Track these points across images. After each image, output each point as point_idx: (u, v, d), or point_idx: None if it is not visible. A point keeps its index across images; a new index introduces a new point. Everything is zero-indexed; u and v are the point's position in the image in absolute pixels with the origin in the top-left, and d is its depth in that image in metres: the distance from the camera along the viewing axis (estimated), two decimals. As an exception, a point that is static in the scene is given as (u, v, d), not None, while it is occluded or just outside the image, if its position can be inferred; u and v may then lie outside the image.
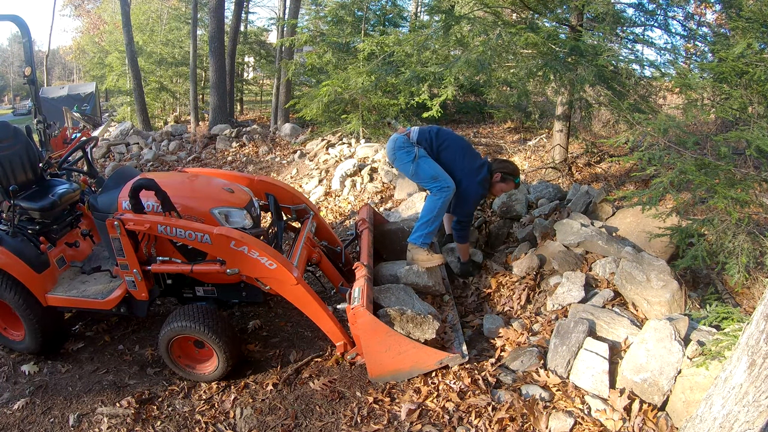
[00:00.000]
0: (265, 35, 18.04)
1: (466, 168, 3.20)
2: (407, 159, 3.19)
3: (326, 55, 8.19)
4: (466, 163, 3.21)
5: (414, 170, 3.19)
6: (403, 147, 3.23)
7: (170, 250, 2.65)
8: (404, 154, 3.21)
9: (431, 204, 3.17)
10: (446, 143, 3.26)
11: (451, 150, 3.24)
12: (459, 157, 3.23)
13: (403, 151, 3.22)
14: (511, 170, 3.29)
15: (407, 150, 3.21)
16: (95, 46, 21.31)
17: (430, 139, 3.26)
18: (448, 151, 3.24)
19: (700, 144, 2.88)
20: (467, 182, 3.18)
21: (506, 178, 3.28)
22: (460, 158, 3.23)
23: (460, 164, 3.21)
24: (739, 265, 2.51)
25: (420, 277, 3.08)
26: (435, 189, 3.15)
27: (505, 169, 3.29)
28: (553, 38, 4.27)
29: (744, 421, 1.57)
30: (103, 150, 9.40)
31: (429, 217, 3.16)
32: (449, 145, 3.26)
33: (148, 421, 2.45)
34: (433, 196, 3.18)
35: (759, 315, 1.55)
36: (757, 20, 2.72)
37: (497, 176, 3.26)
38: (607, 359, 2.27)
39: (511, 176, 3.28)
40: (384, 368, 2.49)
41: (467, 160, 3.22)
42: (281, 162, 7.93)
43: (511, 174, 3.28)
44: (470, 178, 3.18)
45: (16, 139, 3.16)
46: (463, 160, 3.22)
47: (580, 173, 5.88)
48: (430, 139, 3.26)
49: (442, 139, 3.28)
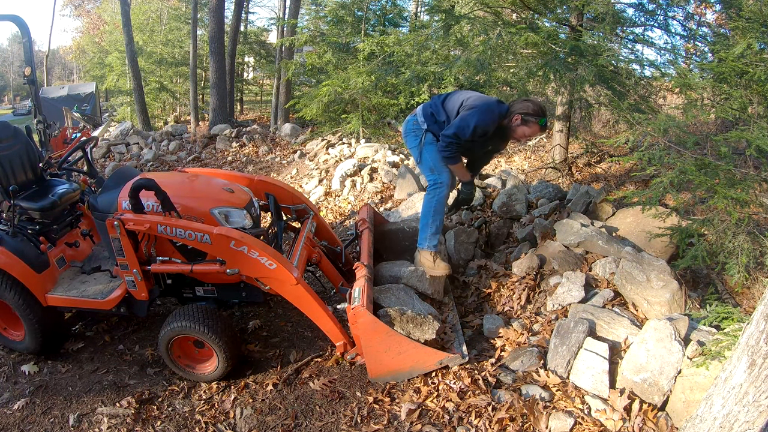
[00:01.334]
0: (265, 35, 18.05)
1: (474, 96, 2.93)
2: (415, 143, 3.08)
3: (326, 55, 8.20)
4: (475, 95, 2.96)
5: (418, 156, 3.09)
6: (413, 131, 3.12)
7: (170, 250, 2.65)
8: (413, 138, 3.10)
9: (426, 204, 3.08)
10: (454, 92, 3.08)
11: (458, 93, 3.03)
12: (468, 95, 2.97)
13: (412, 135, 3.11)
14: (533, 110, 2.79)
15: (416, 134, 3.09)
16: (95, 46, 21.32)
17: (434, 101, 3.07)
18: (454, 95, 3.01)
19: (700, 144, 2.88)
20: (471, 104, 2.86)
21: (527, 119, 2.80)
22: (469, 94, 2.97)
23: (470, 96, 2.94)
24: (739, 265, 2.51)
25: (421, 281, 3.06)
26: (430, 183, 3.05)
27: (526, 110, 2.80)
28: (553, 38, 4.27)
29: (744, 421, 1.57)
30: (103, 150, 9.40)
31: (426, 220, 3.07)
32: (456, 92, 3.07)
33: (148, 421, 2.45)
34: (427, 194, 3.07)
35: (759, 315, 1.55)
36: (757, 20, 2.72)
37: (516, 119, 2.81)
38: (607, 359, 2.27)
39: (533, 117, 2.79)
40: (384, 368, 2.49)
41: (479, 95, 2.98)
42: (281, 162, 7.93)
43: (533, 114, 2.79)
44: (475, 102, 2.86)
45: (16, 139, 3.16)
46: (474, 94, 2.97)
47: (580, 173, 5.88)
48: (434, 101, 3.07)
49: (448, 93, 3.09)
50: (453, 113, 2.96)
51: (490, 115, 2.83)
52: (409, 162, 6.00)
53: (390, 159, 6.17)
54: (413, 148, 3.12)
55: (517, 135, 2.91)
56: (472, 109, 2.85)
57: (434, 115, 3.05)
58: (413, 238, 3.56)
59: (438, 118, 3.03)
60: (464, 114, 2.86)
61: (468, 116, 2.83)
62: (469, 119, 2.81)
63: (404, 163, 5.99)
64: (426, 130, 3.06)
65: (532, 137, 3.08)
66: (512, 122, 2.84)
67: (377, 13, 8.70)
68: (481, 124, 2.81)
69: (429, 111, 3.08)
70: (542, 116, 2.81)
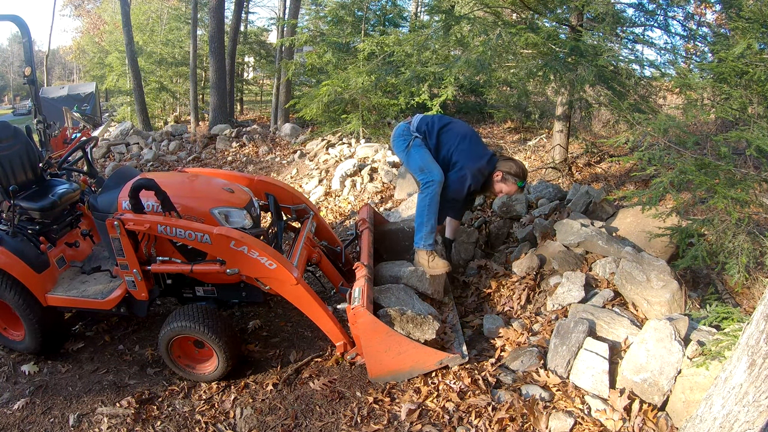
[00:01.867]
0: (265, 35, 18.05)
1: (467, 151, 3.03)
2: (402, 147, 3.16)
3: (326, 55, 8.20)
4: (467, 146, 3.05)
5: (405, 159, 3.16)
6: (401, 135, 3.19)
7: (170, 250, 2.65)
8: (401, 142, 3.17)
9: (419, 203, 3.09)
10: (451, 125, 3.14)
11: (454, 132, 3.10)
12: (462, 140, 3.07)
13: (401, 139, 3.18)
14: (515, 171, 3.04)
15: (404, 138, 3.16)
16: (95, 46, 21.31)
17: (432, 122, 3.15)
18: (451, 133, 3.10)
19: (700, 144, 2.88)
20: (461, 165, 3.01)
21: (507, 178, 3.05)
22: (462, 141, 3.07)
23: (461, 146, 3.05)
24: (739, 265, 2.51)
25: (421, 281, 3.06)
26: (422, 183, 3.06)
27: (508, 169, 3.04)
28: (553, 38, 4.28)
29: (744, 421, 1.57)
30: (103, 150, 9.41)
31: (421, 219, 3.07)
32: (453, 127, 3.13)
33: (148, 421, 2.45)
34: (420, 194, 3.08)
35: (759, 315, 1.55)
36: (757, 20, 2.72)
37: (498, 175, 3.06)
38: (607, 359, 2.27)
39: (514, 177, 3.05)
40: (384, 368, 2.49)
41: (471, 145, 3.06)
42: (281, 162, 7.93)
43: (514, 175, 3.04)
44: (467, 161, 3.01)
45: (16, 139, 3.16)
46: (466, 143, 3.06)
47: (580, 173, 5.88)
48: (432, 122, 3.15)
49: (446, 121, 3.16)
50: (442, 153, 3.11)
51: (480, 177, 3.08)
52: (409, 162, 5.99)
53: (390, 159, 6.17)
54: (401, 152, 3.19)
55: (495, 189, 3.15)
56: (463, 170, 3.02)
57: (426, 136, 3.14)
58: (413, 238, 3.57)
59: (429, 140, 3.14)
60: (459, 176, 3.04)
61: (462, 179, 3.04)
62: (464, 182, 3.04)
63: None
64: (415, 136, 3.14)
65: (507, 195, 3.27)
66: (494, 177, 3.08)
67: (377, 13, 8.70)
68: (474, 184, 3.08)
69: (423, 129, 3.16)
70: (522, 179, 3.05)
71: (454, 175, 3.05)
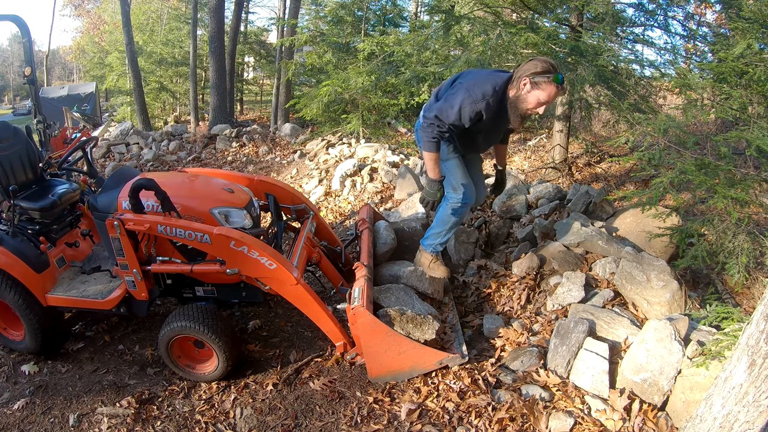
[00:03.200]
0: (265, 35, 18.05)
1: (473, 72, 2.56)
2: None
3: (326, 55, 8.20)
4: (476, 70, 2.63)
5: None
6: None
7: (170, 250, 2.65)
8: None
9: (444, 216, 2.84)
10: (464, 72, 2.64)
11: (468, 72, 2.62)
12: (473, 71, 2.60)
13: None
14: (543, 68, 2.23)
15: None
16: (95, 46, 21.32)
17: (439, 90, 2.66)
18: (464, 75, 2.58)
19: (700, 144, 2.89)
20: (460, 81, 2.47)
21: (538, 81, 2.23)
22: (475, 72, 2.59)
23: (470, 71, 2.62)
24: (739, 265, 2.52)
25: (421, 281, 3.06)
26: (452, 200, 2.80)
27: (534, 69, 2.23)
28: (553, 38, 4.28)
29: (744, 421, 1.57)
30: (103, 150, 9.40)
31: (441, 229, 2.91)
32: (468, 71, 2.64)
33: (148, 421, 2.45)
34: (448, 208, 2.82)
35: (759, 315, 1.55)
36: (757, 21, 2.72)
37: (524, 83, 2.26)
38: (607, 359, 2.27)
39: (544, 75, 2.22)
40: (384, 368, 2.49)
41: (479, 70, 2.63)
42: (281, 162, 7.93)
43: (543, 72, 2.22)
44: (466, 78, 2.47)
45: (16, 139, 3.15)
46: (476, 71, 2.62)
47: (580, 173, 5.89)
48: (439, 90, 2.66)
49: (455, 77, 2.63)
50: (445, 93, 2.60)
51: (479, 89, 2.31)
52: (409, 162, 6.00)
53: (390, 159, 6.17)
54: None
55: (530, 105, 2.31)
56: (458, 86, 2.40)
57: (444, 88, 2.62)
58: (413, 238, 3.57)
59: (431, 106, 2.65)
60: (448, 93, 2.42)
61: (453, 95, 2.37)
62: (454, 98, 2.36)
63: (404, 163, 5.99)
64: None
65: (549, 102, 2.35)
66: (520, 90, 2.27)
67: (377, 13, 8.70)
68: (468, 103, 2.33)
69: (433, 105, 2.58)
70: (556, 71, 2.23)
71: (447, 96, 2.45)
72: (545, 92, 2.25)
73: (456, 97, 2.35)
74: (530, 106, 2.33)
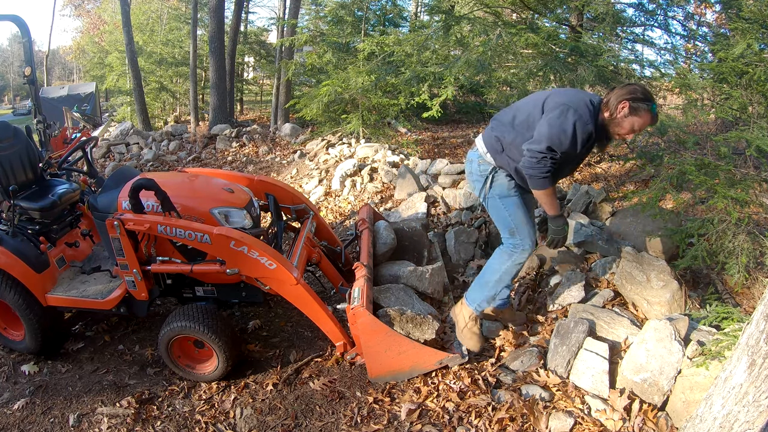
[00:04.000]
0: (265, 35, 18.04)
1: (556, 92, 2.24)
2: (478, 187, 2.45)
3: (326, 55, 8.19)
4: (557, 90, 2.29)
5: (491, 207, 2.42)
6: (477, 172, 2.44)
7: (170, 250, 2.65)
8: (477, 181, 2.46)
9: (498, 263, 2.41)
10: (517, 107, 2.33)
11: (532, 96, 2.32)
12: (545, 93, 2.29)
13: (477, 176, 2.45)
14: (642, 94, 2.10)
15: (481, 174, 2.42)
16: (95, 46, 21.30)
17: (496, 121, 2.36)
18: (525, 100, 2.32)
19: (700, 144, 2.89)
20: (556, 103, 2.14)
21: (637, 107, 2.08)
22: (546, 93, 2.29)
23: (547, 94, 2.26)
24: (739, 265, 2.51)
25: (421, 281, 3.07)
26: (509, 246, 2.42)
27: (634, 94, 2.09)
28: (553, 38, 4.28)
29: (744, 421, 1.57)
30: (103, 150, 9.40)
31: (489, 278, 2.43)
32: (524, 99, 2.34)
33: (148, 421, 2.45)
34: (503, 255, 2.43)
35: (759, 315, 1.55)
36: (756, 21, 2.72)
37: (623, 107, 2.08)
38: (607, 359, 2.27)
39: (645, 103, 2.09)
40: (384, 368, 2.49)
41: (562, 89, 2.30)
42: (281, 162, 7.93)
43: (643, 100, 2.09)
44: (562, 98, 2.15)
45: (16, 139, 3.16)
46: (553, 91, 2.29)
47: (580, 173, 5.87)
48: (496, 121, 2.36)
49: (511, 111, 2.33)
50: (529, 125, 2.24)
51: (587, 110, 2.12)
52: (409, 162, 6.00)
53: (390, 159, 6.16)
54: (482, 198, 2.47)
55: (624, 130, 2.17)
56: (560, 107, 2.11)
57: (500, 140, 2.28)
58: (413, 238, 3.57)
59: (504, 139, 2.28)
60: (552, 117, 2.11)
61: (559, 117, 2.09)
62: (564, 121, 2.08)
63: (404, 163, 5.99)
64: (494, 166, 2.36)
65: (640, 131, 2.24)
66: (617, 113, 2.11)
67: (377, 13, 8.69)
68: (581, 125, 2.09)
69: (493, 135, 2.34)
70: (653, 101, 2.13)
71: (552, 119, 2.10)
72: (641, 119, 2.13)
73: (565, 121, 2.08)
74: (623, 131, 2.19)
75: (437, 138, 9.03)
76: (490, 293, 2.42)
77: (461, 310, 2.52)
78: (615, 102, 2.12)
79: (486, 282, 2.42)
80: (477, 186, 2.44)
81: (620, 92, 2.12)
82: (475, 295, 2.46)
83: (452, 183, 4.86)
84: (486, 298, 2.44)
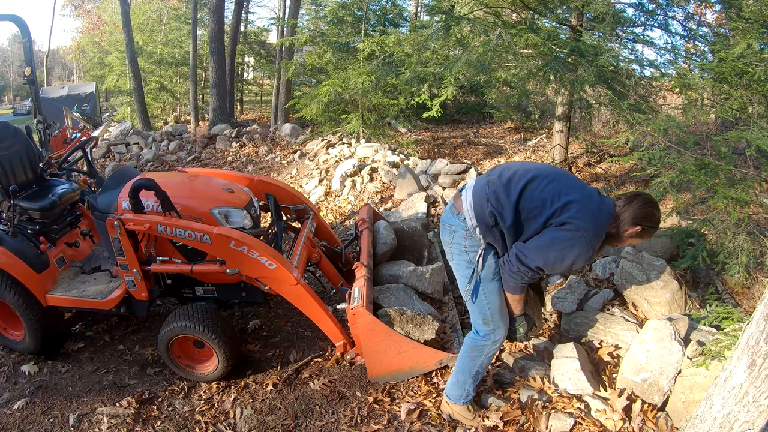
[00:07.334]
0: (265, 35, 18.06)
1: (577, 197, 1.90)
2: (461, 264, 2.10)
3: (326, 55, 8.19)
4: (579, 195, 1.91)
5: (467, 288, 2.08)
6: (459, 243, 2.07)
7: (170, 250, 2.65)
8: (459, 256, 2.09)
9: (469, 361, 2.16)
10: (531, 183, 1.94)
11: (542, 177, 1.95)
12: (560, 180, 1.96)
13: (458, 249, 2.08)
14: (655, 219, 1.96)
15: (466, 248, 2.06)
16: (95, 46, 21.29)
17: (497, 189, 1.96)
18: (538, 181, 1.94)
19: (700, 144, 2.89)
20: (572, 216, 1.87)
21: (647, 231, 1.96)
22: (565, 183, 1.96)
23: (569, 190, 1.92)
24: (739, 265, 2.52)
25: (421, 281, 3.06)
26: (480, 336, 2.13)
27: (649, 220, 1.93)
28: (553, 39, 4.28)
29: (744, 421, 1.57)
30: (103, 150, 9.40)
31: (464, 377, 2.18)
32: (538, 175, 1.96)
33: (148, 421, 2.45)
34: (473, 350, 2.15)
35: (759, 315, 1.55)
36: (757, 21, 2.72)
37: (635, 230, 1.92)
38: (576, 357, 2.29)
39: (654, 228, 1.98)
40: (384, 368, 2.49)
41: (575, 184, 1.97)
42: (281, 162, 7.93)
43: (654, 226, 1.97)
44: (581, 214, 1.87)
45: (16, 139, 3.16)
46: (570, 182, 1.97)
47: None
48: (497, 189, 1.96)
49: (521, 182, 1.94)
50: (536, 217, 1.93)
51: (598, 241, 1.94)
52: (409, 162, 6.00)
53: (390, 159, 6.16)
54: (461, 276, 2.13)
55: (623, 244, 2.07)
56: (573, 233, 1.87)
57: (496, 216, 1.94)
58: (413, 238, 3.57)
59: (504, 219, 1.94)
60: (559, 238, 1.88)
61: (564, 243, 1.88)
62: (569, 253, 1.88)
63: (404, 163, 5.99)
64: (485, 246, 2.03)
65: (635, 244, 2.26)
66: (625, 233, 1.95)
67: (377, 13, 8.70)
68: (582, 258, 1.92)
69: (487, 208, 1.95)
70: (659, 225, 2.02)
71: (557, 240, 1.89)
72: (643, 239, 2.03)
73: (569, 253, 1.88)
74: (621, 245, 2.10)
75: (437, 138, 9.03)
76: (471, 386, 2.20)
77: (452, 410, 2.27)
78: (629, 220, 1.92)
79: (463, 381, 2.20)
80: (459, 258, 2.10)
81: (637, 212, 1.91)
82: (457, 393, 2.23)
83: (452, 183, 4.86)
84: (468, 390, 2.21)
